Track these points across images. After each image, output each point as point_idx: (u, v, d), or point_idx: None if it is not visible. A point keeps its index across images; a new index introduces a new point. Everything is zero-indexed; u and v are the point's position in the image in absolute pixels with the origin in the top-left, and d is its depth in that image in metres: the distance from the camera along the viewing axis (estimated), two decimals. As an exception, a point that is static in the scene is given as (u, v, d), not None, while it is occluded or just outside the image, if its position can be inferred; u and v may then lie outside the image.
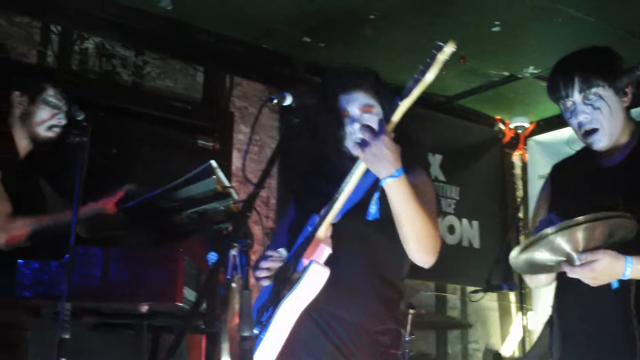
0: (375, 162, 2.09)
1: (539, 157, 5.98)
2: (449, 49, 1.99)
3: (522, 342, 4.88)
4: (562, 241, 2.06)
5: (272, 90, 4.82)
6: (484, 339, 5.83)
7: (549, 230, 2.05)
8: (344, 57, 4.65)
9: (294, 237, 2.40)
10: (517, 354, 5.64)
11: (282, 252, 2.28)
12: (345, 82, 2.41)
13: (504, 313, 5.99)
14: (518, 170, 6.37)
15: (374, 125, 2.19)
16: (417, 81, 2.02)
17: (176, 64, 4.74)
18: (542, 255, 2.11)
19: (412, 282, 5.34)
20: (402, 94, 2.06)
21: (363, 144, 2.10)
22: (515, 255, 2.12)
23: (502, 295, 5.96)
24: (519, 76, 5.25)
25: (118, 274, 2.69)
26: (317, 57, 4.90)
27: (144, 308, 2.76)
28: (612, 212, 2.06)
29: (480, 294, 4.62)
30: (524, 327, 4.94)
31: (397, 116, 2.08)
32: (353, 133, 2.35)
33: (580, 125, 2.31)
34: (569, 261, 2.10)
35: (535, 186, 5.68)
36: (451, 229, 5.67)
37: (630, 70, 2.26)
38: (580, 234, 2.04)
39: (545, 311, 2.63)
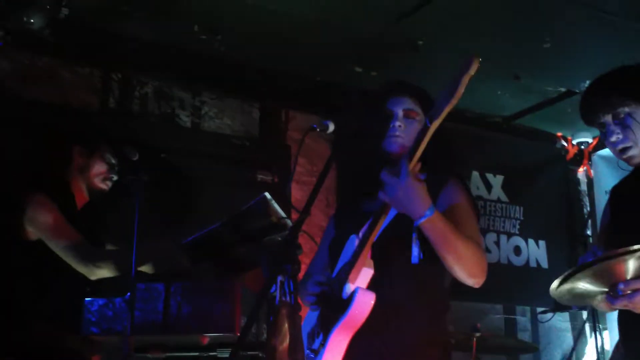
0: (405, 205, 2.13)
1: (604, 171, 5.84)
2: (474, 67, 2.00)
3: (598, 363, 4.74)
4: (603, 271, 2.02)
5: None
6: (558, 361, 5.68)
7: (589, 261, 2.03)
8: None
9: (334, 256, 2.43)
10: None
11: (329, 276, 2.31)
12: (395, 87, 2.52)
13: (578, 334, 5.82)
14: (584, 187, 6.25)
15: (414, 131, 2.21)
16: (445, 102, 2.03)
17: (232, 103, 4.87)
18: (584, 285, 2.07)
19: (480, 305, 5.27)
20: (431, 114, 2.08)
21: (389, 190, 2.12)
22: (556, 287, 2.10)
23: (574, 316, 5.81)
24: (576, 91, 5.16)
25: (179, 308, 2.76)
26: (370, 85, 4.94)
27: (206, 340, 2.82)
28: None
29: (549, 315, 4.52)
30: (599, 348, 4.80)
31: (426, 139, 2.11)
32: (392, 130, 2.41)
33: (614, 145, 2.33)
34: (612, 292, 2.06)
35: (603, 201, 5.54)
36: (517, 250, 5.58)
37: None
38: (622, 265, 2.00)
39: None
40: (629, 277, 2.02)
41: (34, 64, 4.17)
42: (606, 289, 2.07)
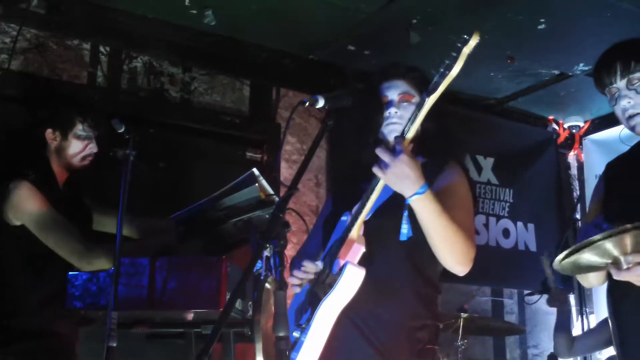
0: (398, 182, 2.09)
1: (595, 156, 5.85)
2: (473, 41, 1.98)
3: (583, 346, 4.74)
4: (610, 246, 2.01)
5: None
6: (544, 344, 5.70)
7: (596, 237, 2.01)
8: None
9: (327, 233, 2.42)
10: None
11: (319, 264, 2.28)
12: (387, 71, 2.47)
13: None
14: (574, 171, 6.25)
15: (409, 114, 2.19)
16: (443, 76, 2.01)
17: (223, 79, 4.81)
18: (589, 258, 2.06)
19: (468, 287, 5.28)
20: (429, 89, 2.05)
21: (383, 165, 2.09)
22: (561, 259, 2.09)
23: (561, 299, 5.82)
24: (570, 74, 5.14)
25: (164, 283, 2.73)
26: (364, 65, 4.90)
27: (190, 316, 2.80)
28: None
29: (536, 297, 4.53)
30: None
31: (422, 115, 2.08)
32: (388, 117, 2.38)
33: (624, 110, 2.33)
34: (616, 264, 2.04)
35: (593, 186, 5.54)
36: (506, 233, 5.59)
37: None
38: (628, 240, 1.98)
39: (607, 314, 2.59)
40: (629, 251, 2.01)
41: (22, 36, 4.10)
42: (609, 261, 2.05)
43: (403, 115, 2.35)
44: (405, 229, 2.20)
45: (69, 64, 4.24)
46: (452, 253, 2.17)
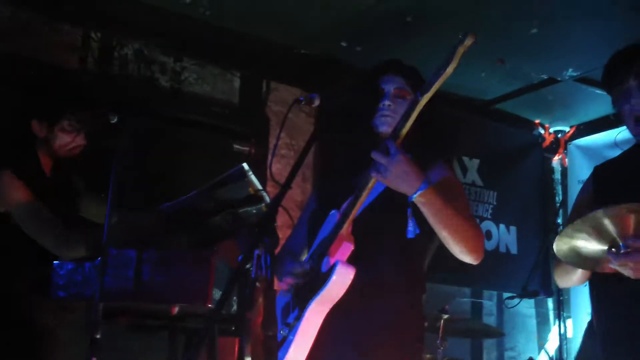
0: (399, 182, 2.09)
1: (579, 161, 5.89)
2: (469, 41, 1.98)
3: (560, 350, 4.80)
4: (609, 223, 1.99)
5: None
6: (521, 347, 5.75)
7: (599, 210, 1.98)
8: (381, 60, 4.66)
9: (313, 230, 2.42)
10: (554, 362, 5.56)
11: (306, 266, 2.28)
12: (387, 65, 2.52)
13: (542, 320, 5.91)
14: (558, 175, 6.29)
15: (402, 110, 2.20)
16: (437, 75, 2.01)
17: (214, 70, 4.79)
18: (585, 240, 2.03)
19: (448, 287, 5.31)
20: (423, 88, 2.06)
21: (381, 168, 2.09)
22: (560, 238, 2.06)
23: (540, 302, 5.88)
24: (559, 79, 5.17)
25: (151, 275, 2.71)
26: (355, 61, 4.90)
27: (175, 310, 2.79)
28: None
29: (516, 300, 4.56)
30: (562, 335, 4.86)
31: (415, 113, 2.08)
32: (382, 109, 2.41)
33: (631, 110, 2.31)
34: (614, 248, 2.03)
35: (575, 191, 5.56)
36: (488, 235, 5.61)
37: None
38: (631, 220, 1.96)
39: (584, 318, 2.60)
40: (629, 234, 2.00)
41: (16, 18, 4.06)
42: (606, 247, 2.04)
43: (396, 110, 2.38)
44: (411, 227, 2.20)
45: (60, 48, 4.21)
46: (464, 242, 2.17)
